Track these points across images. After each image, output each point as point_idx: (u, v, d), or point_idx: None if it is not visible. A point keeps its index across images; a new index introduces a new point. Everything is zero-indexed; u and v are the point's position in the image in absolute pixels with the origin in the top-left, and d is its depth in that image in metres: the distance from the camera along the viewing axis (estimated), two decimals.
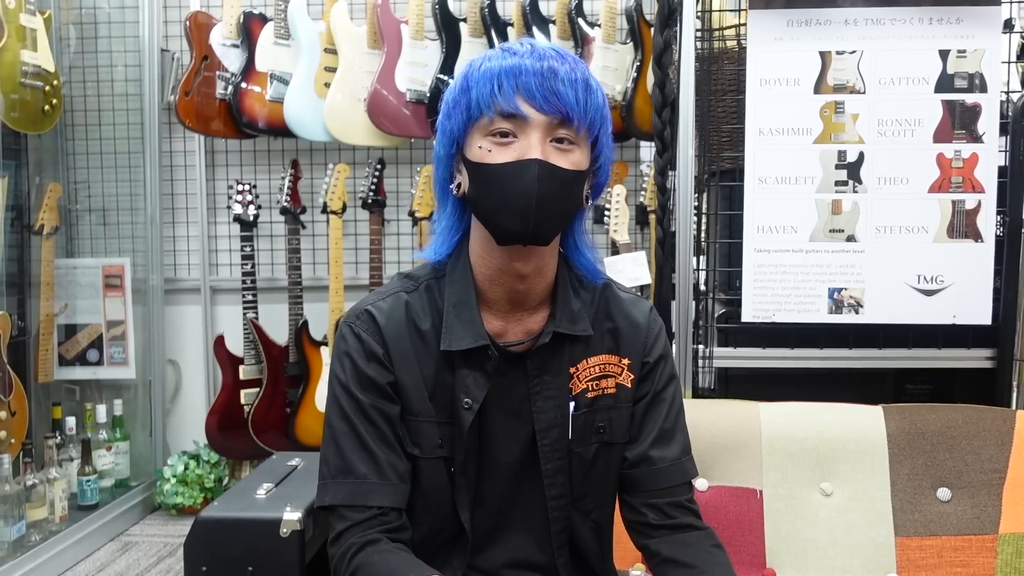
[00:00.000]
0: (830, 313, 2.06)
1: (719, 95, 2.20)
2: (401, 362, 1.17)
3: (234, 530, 1.47)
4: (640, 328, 1.24)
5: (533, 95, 1.06)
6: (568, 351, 1.20)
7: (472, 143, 1.10)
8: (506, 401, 1.19)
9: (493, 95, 1.07)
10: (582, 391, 1.20)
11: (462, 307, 1.17)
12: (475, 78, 1.09)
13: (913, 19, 2.02)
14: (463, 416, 1.17)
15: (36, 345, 3.12)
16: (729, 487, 1.63)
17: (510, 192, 1.07)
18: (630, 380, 1.23)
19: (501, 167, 1.07)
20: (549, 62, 1.07)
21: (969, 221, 2.03)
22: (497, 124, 1.07)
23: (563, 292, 1.19)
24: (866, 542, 1.59)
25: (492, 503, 1.22)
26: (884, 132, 2.03)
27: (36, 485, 2.71)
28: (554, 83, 1.06)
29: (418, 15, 3.06)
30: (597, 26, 3.05)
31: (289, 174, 3.17)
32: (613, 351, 1.22)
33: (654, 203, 2.96)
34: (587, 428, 1.21)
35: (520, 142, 1.07)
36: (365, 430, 1.16)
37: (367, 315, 1.19)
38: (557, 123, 1.07)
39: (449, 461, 1.19)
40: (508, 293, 1.17)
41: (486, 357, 1.16)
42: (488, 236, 1.13)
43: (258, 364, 3.22)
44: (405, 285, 1.22)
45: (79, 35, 3.35)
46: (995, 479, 1.60)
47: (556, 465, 1.20)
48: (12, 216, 3.01)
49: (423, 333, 1.18)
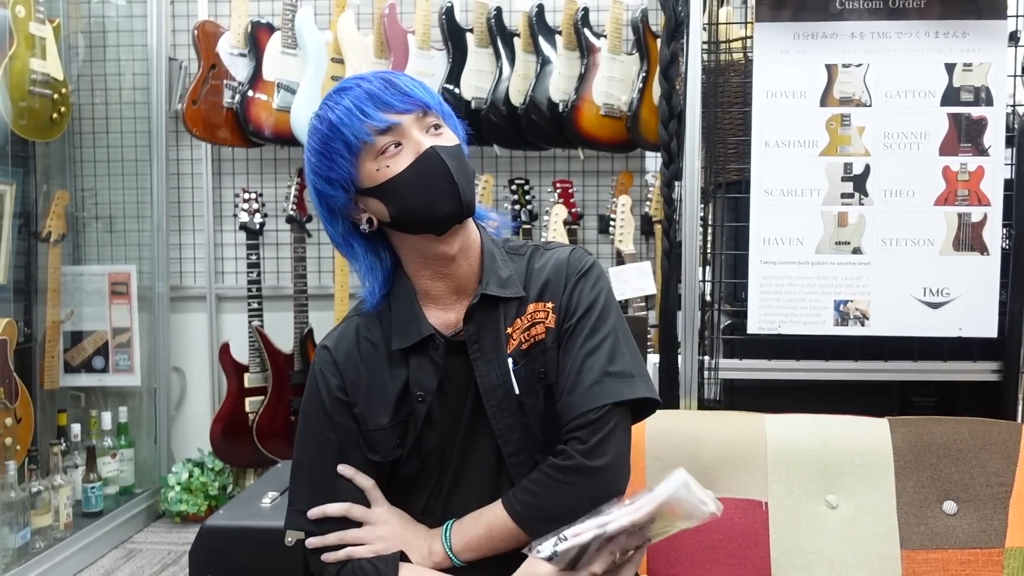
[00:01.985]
0: (836, 325, 2.06)
1: (725, 107, 2.21)
2: (356, 379, 1.26)
3: (239, 538, 1.48)
4: (560, 270, 1.29)
5: (392, 105, 1.17)
6: (502, 314, 1.26)
7: (367, 172, 1.18)
8: (457, 384, 1.26)
9: (363, 121, 1.16)
10: (516, 346, 1.25)
11: (406, 311, 1.26)
12: (337, 121, 1.18)
13: (919, 33, 2.02)
14: (417, 409, 1.24)
15: (42, 352, 3.13)
16: (734, 499, 1.62)
17: (430, 182, 1.17)
18: (554, 321, 1.27)
19: (408, 170, 1.17)
20: (381, 77, 1.20)
21: (975, 234, 2.03)
22: (380, 142, 1.17)
23: (489, 261, 1.27)
24: (872, 555, 1.58)
25: (451, 476, 1.27)
26: (890, 145, 2.03)
27: (41, 492, 2.72)
28: (399, 88, 1.18)
29: (425, 25, 3.07)
30: (603, 37, 3.06)
31: (295, 183, 3.19)
32: (539, 299, 1.28)
33: (659, 213, 2.96)
34: (531, 378, 1.25)
35: (407, 145, 1.18)
36: (328, 464, 1.26)
37: (321, 349, 1.30)
38: (422, 115, 1.19)
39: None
40: (450, 282, 1.25)
41: (433, 346, 1.24)
42: (418, 243, 1.22)
43: (263, 372, 3.22)
44: (358, 309, 1.32)
45: (88, 43, 3.37)
46: (1001, 492, 1.60)
47: (507, 423, 1.25)
48: (20, 223, 3.03)
49: (374, 343, 1.27)
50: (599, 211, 3.33)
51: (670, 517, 1.12)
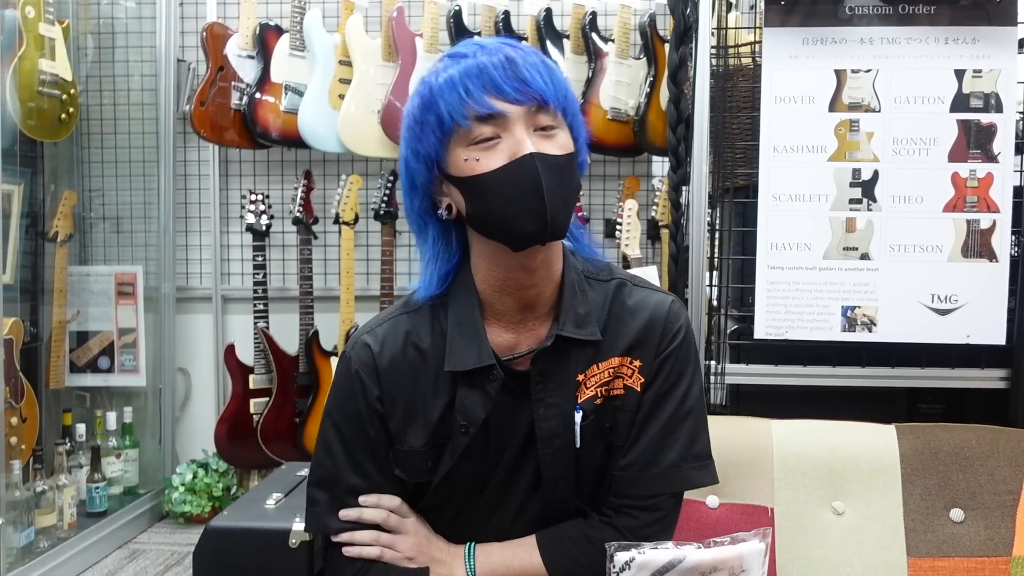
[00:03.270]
0: (843, 331, 2.05)
1: (734, 112, 2.21)
2: (396, 392, 1.14)
3: (244, 540, 1.47)
4: (656, 328, 1.16)
5: (503, 89, 1.01)
6: (575, 357, 1.14)
7: (454, 159, 1.04)
8: (508, 417, 1.15)
9: (463, 102, 1.01)
10: (589, 398, 1.14)
11: (466, 325, 1.12)
12: (437, 90, 1.03)
13: (929, 39, 2.02)
14: (458, 439, 1.13)
15: (48, 352, 3.14)
16: (740, 504, 1.61)
17: (517, 194, 1.01)
18: (639, 383, 1.15)
19: (498, 172, 1.02)
20: (504, 52, 1.03)
21: (984, 241, 2.03)
22: (476, 130, 1.02)
23: (569, 294, 1.13)
24: (878, 562, 1.57)
25: (484, 508, 1.21)
26: (899, 151, 2.03)
27: (45, 491, 2.72)
28: (518, 71, 1.02)
29: (433, 28, 3.08)
30: (611, 41, 3.06)
31: (302, 184, 3.19)
32: (626, 353, 1.15)
33: (666, 218, 2.96)
34: (596, 432, 1.15)
35: (506, 141, 1.02)
36: (356, 467, 1.17)
37: (363, 346, 1.16)
38: (535, 111, 1.03)
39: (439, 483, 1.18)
40: (518, 300, 1.12)
41: (489, 378, 1.11)
42: (492, 249, 1.09)
43: (268, 373, 3.22)
44: (408, 306, 1.18)
45: (96, 44, 3.38)
46: (1009, 500, 1.59)
47: (559, 474, 1.16)
48: (27, 223, 3.03)
49: (423, 352, 1.14)
50: (605, 215, 3.33)
51: (729, 571, 1.13)
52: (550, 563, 1.16)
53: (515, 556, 1.17)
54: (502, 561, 1.17)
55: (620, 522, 1.16)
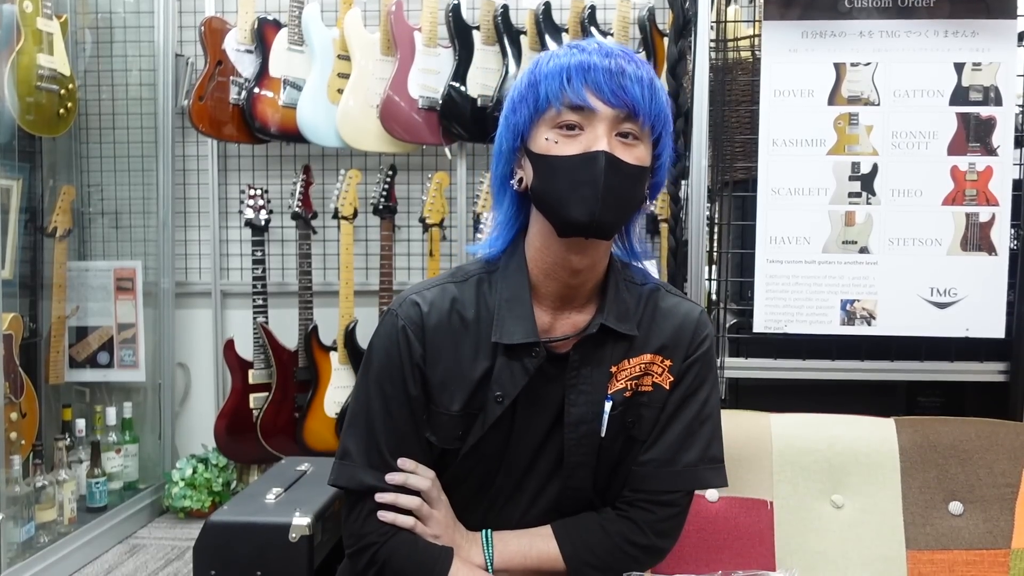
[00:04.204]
0: (842, 325, 2.05)
1: (733, 105, 2.20)
2: (438, 354, 1.18)
3: (244, 534, 1.47)
4: (686, 331, 1.23)
5: (601, 89, 1.08)
6: (611, 349, 1.20)
7: (538, 136, 1.12)
8: (540, 396, 1.19)
9: (562, 88, 1.08)
10: (619, 390, 1.20)
11: (515, 302, 1.18)
12: (543, 73, 1.11)
13: (928, 32, 2.02)
14: (492, 408, 1.17)
15: (47, 347, 3.14)
16: (739, 498, 1.62)
17: (577, 183, 1.08)
18: (668, 382, 1.22)
19: (568, 159, 1.08)
20: (617, 60, 1.10)
21: (983, 234, 2.03)
22: (564, 116, 1.09)
23: (613, 289, 1.20)
24: (877, 555, 1.58)
25: (505, 493, 1.23)
26: (898, 144, 2.02)
27: (45, 486, 2.72)
28: (622, 79, 1.08)
29: (431, 23, 3.07)
30: (610, 35, 3.06)
31: (301, 179, 3.19)
32: (657, 352, 1.22)
33: (665, 212, 2.96)
34: (620, 425, 1.21)
35: (587, 134, 1.09)
36: (392, 423, 1.18)
37: (411, 304, 1.19)
38: (623, 117, 1.09)
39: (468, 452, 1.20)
40: (560, 288, 1.18)
41: (530, 354, 1.16)
42: (548, 229, 1.14)
43: (267, 368, 3.22)
44: (455, 276, 1.23)
45: (95, 39, 3.37)
46: (1008, 493, 1.59)
47: (580, 460, 1.20)
48: (26, 218, 3.03)
49: (467, 322, 1.19)
50: None
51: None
52: (567, 552, 1.20)
53: (532, 545, 1.21)
54: (519, 550, 1.21)
55: (636, 515, 1.21)
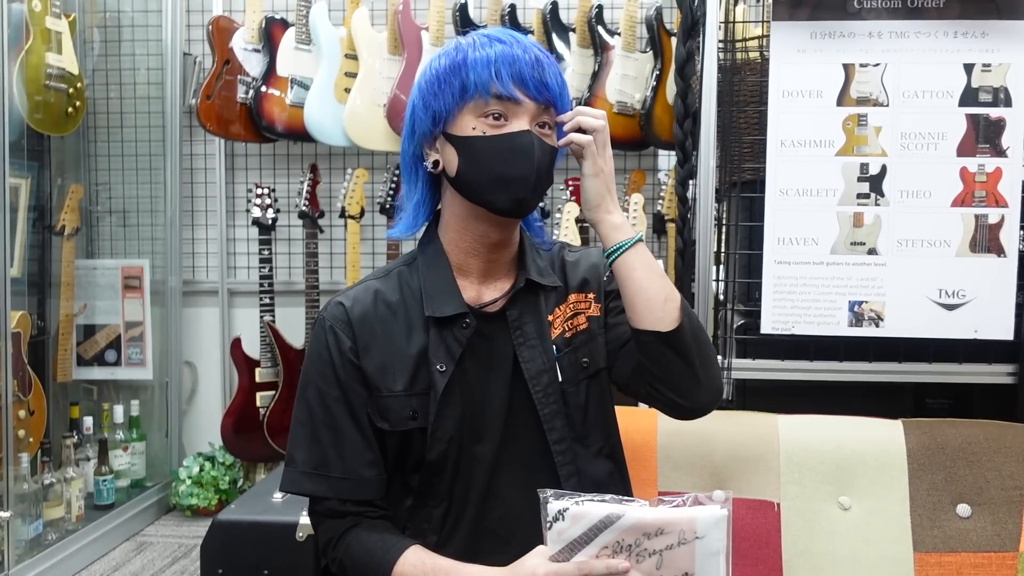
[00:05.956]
0: (850, 326, 2.05)
1: (741, 106, 2.20)
2: (369, 341, 1.22)
3: (251, 533, 1.48)
4: (597, 266, 1.32)
5: (527, 84, 1.16)
6: (543, 301, 1.28)
7: (462, 123, 1.17)
8: (491, 361, 1.24)
9: (492, 80, 1.15)
10: (560, 334, 1.27)
11: (440, 280, 1.24)
12: (471, 62, 1.16)
13: (938, 32, 2.01)
14: (438, 380, 1.21)
15: (55, 345, 3.15)
16: (747, 499, 1.61)
17: (512, 159, 1.15)
18: (598, 309, 1.30)
19: (499, 137, 1.15)
20: (535, 53, 1.19)
21: (992, 235, 2.02)
22: (492, 106, 1.15)
23: (530, 252, 1.29)
24: (884, 557, 1.57)
25: (488, 462, 1.23)
26: (907, 145, 2.02)
27: (53, 484, 2.73)
28: (543, 74, 1.17)
29: (438, 21, 3.07)
30: (617, 34, 3.05)
31: (308, 178, 3.19)
32: (579, 290, 1.31)
33: (672, 212, 2.95)
34: (574, 367, 1.27)
35: (511, 124, 1.16)
36: (333, 423, 1.22)
37: (335, 305, 1.25)
38: (543, 110, 1.18)
39: (424, 431, 1.21)
40: (483, 264, 1.25)
41: (462, 324, 1.22)
42: (467, 211, 1.21)
43: (274, 367, 3.23)
44: (376, 274, 1.30)
45: (103, 38, 3.38)
46: (1016, 496, 1.59)
47: (552, 409, 1.24)
48: (34, 216, 3.04)
49: (392, 306, 1.24)
50: None
51: (678, 536, 1.05)
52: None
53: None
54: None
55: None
